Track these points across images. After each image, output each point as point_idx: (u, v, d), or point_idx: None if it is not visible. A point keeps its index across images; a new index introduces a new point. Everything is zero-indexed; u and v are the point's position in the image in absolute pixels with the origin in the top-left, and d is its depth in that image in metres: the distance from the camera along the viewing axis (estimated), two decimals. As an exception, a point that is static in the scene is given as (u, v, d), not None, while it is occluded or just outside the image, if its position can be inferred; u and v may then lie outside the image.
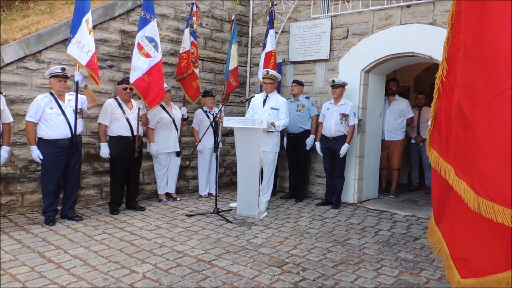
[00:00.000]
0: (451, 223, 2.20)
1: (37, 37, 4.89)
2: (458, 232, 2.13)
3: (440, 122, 2.24)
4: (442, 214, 2.28)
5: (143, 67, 4.99)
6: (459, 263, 2.10)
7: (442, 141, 2.21)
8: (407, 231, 4.68)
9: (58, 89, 4.46)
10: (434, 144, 2.28)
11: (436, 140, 2.27)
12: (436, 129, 2.28)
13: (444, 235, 2.25)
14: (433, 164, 2.25)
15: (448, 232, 2.23)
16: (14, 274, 3.15)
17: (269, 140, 5.28)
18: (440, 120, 2.23)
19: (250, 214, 5.01)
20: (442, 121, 2.22)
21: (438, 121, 2.26)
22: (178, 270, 3.34)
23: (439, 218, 2.32)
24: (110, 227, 4.49)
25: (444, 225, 2.27)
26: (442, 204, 2.25)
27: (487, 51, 1.79)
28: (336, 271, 3.42)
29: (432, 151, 2.29)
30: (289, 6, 6.66)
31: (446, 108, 2.16)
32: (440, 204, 2.28)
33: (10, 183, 4.76)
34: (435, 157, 2.24)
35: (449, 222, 2.22)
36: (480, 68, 1.83)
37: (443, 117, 2.21)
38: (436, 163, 2.23)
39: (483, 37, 1.82)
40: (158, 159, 5.73)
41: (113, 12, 5.52)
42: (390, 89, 6.66)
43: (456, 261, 2.13)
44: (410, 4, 5.38)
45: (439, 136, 2.25)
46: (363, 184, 6.17)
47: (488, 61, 1.78)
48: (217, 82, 7.00)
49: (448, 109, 2.14)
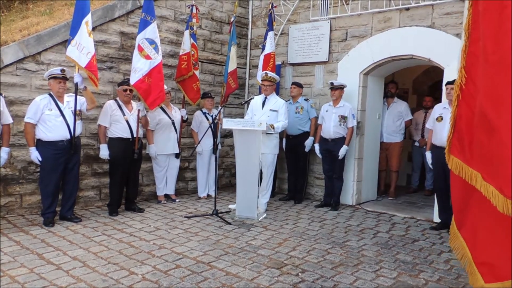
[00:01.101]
0: (474, 228, 2.20)
1: (36, 38, 4.90)
2: (482, 236, 2.13)
3: (460, 129, 2.27)
4: (464, 220, 2.29)
5: (144, 69, 4.99)
6: (483, 268, 2.10)
7: (464, 147, 2.23)
8: (405, 233, 4.69)
9: (57, 91, 4.46)
10: (455, 151, 2.31)
11: (456, 147, 2.30)
12: (456, 136, 2.31)
13: (467, 240, 2.26)
14: (455, 170, 2.27)
15: (471, 237, 2.23)
16: (13, 275, 3.15)
17: (268, 142, 5.29)
18: (461, 127, 2.26)
19: (249, 215, 5.02)
20: (463, 128, 2.24)
21: (458, 129, 2.29)
22: (177, 272, 3.34)
23: (461, 224, 2.33)
24: (109, 228, 4.49)
25: (466, 230, 2.28)
26: (464, 210, 2.27)
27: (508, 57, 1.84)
28: (335, 273, 3.43)
29: (452, 157, 2.31)
30: (289, 8, 6.68)
31: (467, 115, 2.19)
32: (462, 209, 2.29)
33: (9, 184, 4.76)
34: (457, 164, 2.26)
35: (471, 227, 2.22)
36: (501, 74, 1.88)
37: (463, 124, 2.24)
38: (459, 170, 2.24)
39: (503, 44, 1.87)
40: (157, 160, 5.74)
41: (113, 14, 5.53)
42: (389, 91, 6.68)
43: (479, 266, 2.12)
44: (409, 7, 5.40)
45: (459, 143, 2.28)
46: (362, 186, 6.18)
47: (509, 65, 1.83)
48: (216, 84, 7.01)
49: (469, 116, 2.17)
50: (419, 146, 6.96)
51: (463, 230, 2.29)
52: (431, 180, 6.67)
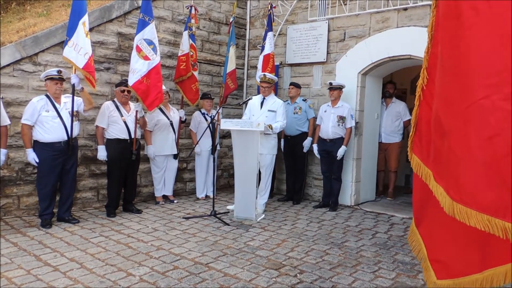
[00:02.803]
0: (429, 227, 2.28)
1: (33, 39, 4.89)
2: (435, 235, 2.22)
3: (421, 129, 2.33)
4: (422, 218, 2.37)
5: (142, 70, 4.98)
6: (436, 265, 2.18)
7: (423, 147, 2.30)
8: (404, 233, 4.69)
9: (54, 92, 4.45)
10: (416, 150, 2.37)
11: (417, 146, 2.36)
12: (417, 135, 2.37)
13: (423, 237, 2.34)
14: (415, 169, 2.34)
15: (426, 235, 2.32)
16: (10, 277, 3.13)
17: (267, 143, 5.29)
18: (421, 127, 2.33)
19: (248, 216, 5.01)
20: (423, 128, 2.30)
21: (419, 128, 2.35)
22: (175, 273, 3.33)
23: (419, 221, 2.40)
24: (107, 229, 4.47)
25: (423, 228, 2.36)
26: (422, 207, 2.34)
27: (461, 63, 1.89)
28: (333, 274, 3.42)
29: (413, 156, 2.37)
30: (287, 8, 6.68)
31: (427, 116, 2.25)
32: (420, 207, 2.37)
33: (6, 186, 4.74)
34: (417, 162, 2.32)
35: (427, 225, 2.31)
36: (454, 79, 1.92)
37: (423, 124, 2.30)
38: (417, 168, 2.31)
39: (457, 50, 1.91)
40: (156, 161, 5.72)
41: (110, 15, 5.52)
42: (388, 91, 6.68)
43: (433, 262, 2.21)
44: (407, 7, 5.40)
45: (420, 142, 2.34)
46: (360, 186, 6.18)
47: (462, 72, 1.87)
48: (215, 84, 7.00)
49: (429, 116, 2.22)
50: None
51: (421, 228, 2.37)
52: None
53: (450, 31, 1.98)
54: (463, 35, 1.88)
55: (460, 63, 1.89)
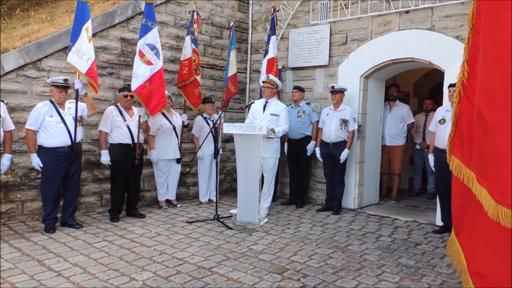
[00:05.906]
0: (469, 235, 2.09)
1: (37, 45, 4.92)
2: (476, 244, 2.02)
3: (461, 128, 2.13)
4: (461, 225, 2.17)
5: (145, 75, 4.99)
6: (476, 278, 1.99)
7: (464, 147, 2.09)
8: (408, 236, 4.66)
9: (58, 99, 4.48)
10: (456, 151, 2.16)
11: (457, 147, 2.15)
12: (458, 135, 2.16)
13: (463, 247, 2.15)
14: (455, 172, 2.13)
15: (466, 244, 2.12)
16: (13, 282, 3.14)
17: (269, 146, 5.28)
18: (462, 125, 2.12)
19: (251, 220, 5.00)
20: (464, 126, 2.10)
21: (459, 127, 2.15)
22: (178, 278, 3.33)
23: (459, 229, 2.21)
24: (110, 234, 4.48)
25: (462, 236, 2.16)
26: (462, 214, 2.15)
27: (503, 50, 1.71)
28: (337, 278, 3.40)
29: (453, 158, 2.17)
30: (288, 12, 6.69)
31: (469, 112, 2.05)
32: (460, 214, 2.17)
33: (10, 191, 4.76)
34: (457, 165, 2.12)
35: (467, 234, 2.11)
36: (497, 68, 1.74)
37: (464, 122, 2.10)
38: (458, 171, 2.11)
39: (500, 36, 1.74)
40: (159, 166, 5.73)
41: (113, 20, 5.56)
42: (391, 94, 6.67)
43: (473, 275, 2.01)
44: (409, 10, 5.40)
45: (460, 142, 2.13)
46: (364, 189, 6.16)
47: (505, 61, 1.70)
48: (217, 88, 7.02)
49: (471, 113, 2.02)
50: (420, 149, 6.93)
51: (460, 236, 2.18)
52: (433, 183, 6.64)
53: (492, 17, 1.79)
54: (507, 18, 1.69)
55: (503, 50, 1.71)
